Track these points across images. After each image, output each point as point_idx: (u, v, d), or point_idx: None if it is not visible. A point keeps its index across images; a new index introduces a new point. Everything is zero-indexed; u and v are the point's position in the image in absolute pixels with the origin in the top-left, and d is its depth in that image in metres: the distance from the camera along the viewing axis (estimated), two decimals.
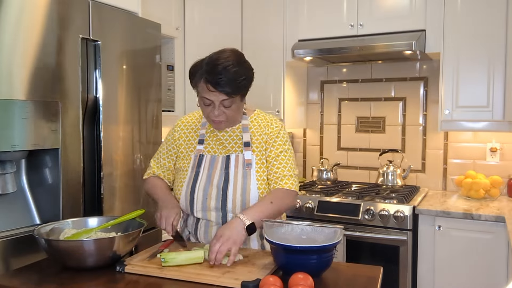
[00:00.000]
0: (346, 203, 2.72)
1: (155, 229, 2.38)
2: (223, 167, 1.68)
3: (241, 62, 1.60)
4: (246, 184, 1.64)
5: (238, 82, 1.55)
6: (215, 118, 1.61)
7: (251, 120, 1.75)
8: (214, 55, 1.59)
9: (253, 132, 1.72)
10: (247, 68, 1.62)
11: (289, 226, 1.46)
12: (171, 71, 2.99)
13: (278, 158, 1.69)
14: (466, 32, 2.69)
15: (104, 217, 1.69)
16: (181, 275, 1.36)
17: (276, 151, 1.69)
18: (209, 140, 1.74)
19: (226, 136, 1.72)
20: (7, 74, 1.62)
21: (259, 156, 1.69)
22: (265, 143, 1.70)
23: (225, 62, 1.54)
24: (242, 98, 1.64)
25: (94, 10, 1.97)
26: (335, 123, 3.51)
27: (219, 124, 1.65)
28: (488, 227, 2.42)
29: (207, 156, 1.71)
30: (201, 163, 1.71)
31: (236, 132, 1.72)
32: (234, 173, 1.66)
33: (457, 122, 2.77)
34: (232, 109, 1.62)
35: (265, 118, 1.76)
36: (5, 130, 1.61)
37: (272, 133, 1.71)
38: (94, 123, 2.02)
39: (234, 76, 1.54)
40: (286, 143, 1.73)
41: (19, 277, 1.40)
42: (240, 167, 1.67)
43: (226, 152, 1.70)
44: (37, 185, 1.84)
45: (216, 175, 1.67)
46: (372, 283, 1.36)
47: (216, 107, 1.58)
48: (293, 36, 3.17)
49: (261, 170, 1.68)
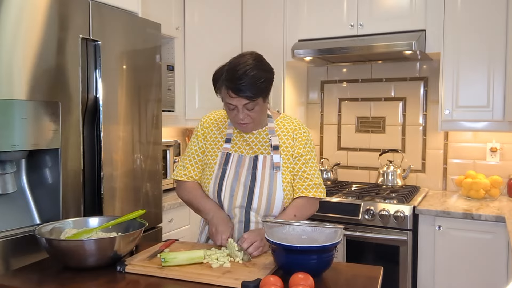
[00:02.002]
0: (346, 203, 2.72)
1: (155, 229, 2.39)
2: (250, 167, 1.71)
3: (260, 65, 1.61)
4: (273, 186, 1.68)
5: (258, 85, 1.57)
6: (241, 121, 1.64)
7: (277, 123, 1.77)
8: (233, 60, 1.63)
9: (279, 135, 1.74)
10: (266, 70, 1.62)
11: (289, 227, 1.46)
12: (171, 71, 2.99)
13: (307, 164, 1.73)
14: (466, 32, 2.69)
15: (105, 217, 1.69)
16: (181, 275, 1.36)
17: (306, 156, 1.73)
18: (236, 140, 1.76)
19: (252, 138, 1.75)
20: (7, 74, 1.61)
21: (284, 159, 1.71)
22: (291, 147, 1.73)
23: (244, 67, 1.57)
24: (264, 100, 1.65)
25: (94, 10, 1.97)
26: (335, 123, 3.51)
27: (246, 127, 1.68)
28: (488, 227, 2.42)
29: (234, 154, 1.74)
30: (228, 161, 1.73)
31: (263, 135, 1.74)
32: (262, 174, 1.69)
33: (457, 122, 2.77)
34: (256, 111, 1.63)
35: (292, 122, 1.79)
36: (5, 130, 1.61)
37: (300, 138, 1.74)
38: (94, 123, 2.02)
39: (253, 80, 1.56)
40: (313, 150, 1.78)
41: (19, 277, 1.40)
42: (268, 168, 1.70)
43: (253, 152, 1.73)
44: (37, 185, 1.84)
45: (243, 174, 1.70)
46: (372, 283, 1.36)
47: (240, 111, 1.61)
48: (293, 36, 3.17)
49: (286, 173, 1.71)
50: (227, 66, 1.62)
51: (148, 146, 2.32)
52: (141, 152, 2.27)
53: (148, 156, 2.31)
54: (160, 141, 2.41)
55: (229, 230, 1.62)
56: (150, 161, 2.33)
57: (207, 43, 3.25)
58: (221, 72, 1.63)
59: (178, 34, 3.13)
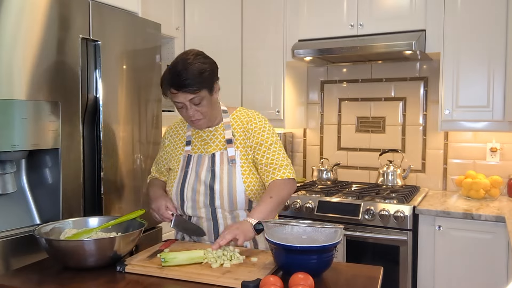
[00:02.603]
0: (346, 203, 2.72)
1: (155, 229, 2.39)
2: (209, 165, 1.71)
3: (199, 58, 1.62)
4: (232, 180, 1.68)
5: (198, 77, 1.58)
6: (192, 118, 1.66)
7: (233, 117, 1.78)
8: (175, 59, 1.64)
9: (235, 128, 1.75)
10: (206, 62, 1.64)
11: (290, 227, 1.46)
12: None
13: (269, 150, 1.72)
14: (466, 32, 2.69)
15: (104, 217, 1.69)
16: (181, 275, 1.36)
17: (265, 143, 1.72)
18: (195, 141, 1.78)
19: (210, 136, 1.76)
20: (7, 74, 1.61)
21: (242, 151, 1.72)
22: (247, 138, 1.73)
23: (183, 62, 1.59)
24: (210, 92, 1.65)
25: (94, 10, 1.97)
26: (335, 123, 3.51)
27: (198, 123, 1.69)
28: (488, 227, 2.42)
29: (194, 156, 1.76)
30: (190, 163, 1.75)
31: (220, 131, 1.75)
32: (220, 170, 1.69)
33: (457, 122, 2.77)
34: (204, 105, 1.64)
35: (247, 114, 1.79)
36: (5, 130, 1.61)
37: (257, 127, 1.74)
38: (94, 123, 2.02)
39: (193, 72, 1.58)
40: (273, 135, 1.76)
41: (19, 277, 1.40)
42: (225, 163, 1.70)
43: (211, 150, 1.74)
44: (37, 185, 1.84)
45: (203, 173, 1.71)
46: (372, 283, 1.36)
47: (188, 107, 1.63)
48: (293, 36, 3.17)
49: (246, 165, 1.71)
50: (169, 66, 1.64)
51: (148, 146, 2.32)
52: (141, 152, 2.27)
53: (148, 156, 2.31)
54: (160, 141, 2.41)
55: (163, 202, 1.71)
56: (150, 161, 2.32)
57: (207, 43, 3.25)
58: (164, 74, 1.65)
59: (178, 34, 3.13)
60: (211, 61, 1.67)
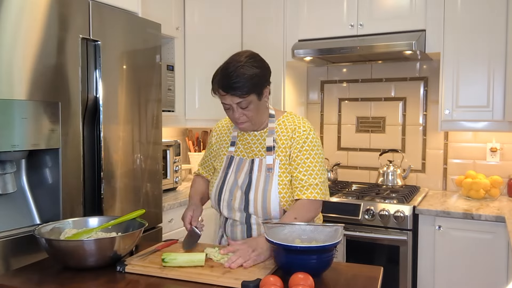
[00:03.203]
0: (346, 203, 2.72)
1: (155, 229, 2.39)
2: (248, 171, 1.70)
3: (252, 62, 1.60)
4: (267, 189, 1.64)
5: (247, 82, 1.56)
6: (237, 120, 1.65)
7: (278, 123, 1.73)
8: (228, 59, 1.63)
9: (279, 135, 1.70)
10: (258, 67, 1.60)
11: (290, 227, 1.46)
12: (171, 71, 2.99)
13: (304, 165, 1.64)
14: (466, 32, 2.69)
15: (104, 217, 1.69)
16: (181, 275, 1.36)
17: (302, 156, 1.65)
18: (239, 143, 1.77)
19: (254, 140, 1.74)
20: (7, 74, 1.61)
21: (283, 160, 1.67)
22: (289, 148, 1.67)
23: (235, 65, 1.57)
24: (259, 97, 1.61)
25: (94, 10, 1.97)
26: (335, 123, 3.51)
27: (242, 125, 1.67)
28: (488, 227, 2.42)
29: (236, 158, 1.75)
30: (231, 165, 1.74)
31: (264, 136, 1.72)
32: (257, 177, 1.67)
33: (457, 122, 2.77)
34: (251, 110, 1.62)
35: (293, 121, 1.72)
36: (5, 130, 1.61)
37: (299, 138, 1.67)
38: (94, 123, 2.02)
39: (243, 77, 1.55)
40: (314, 148, 1.67)
41: (19, 277, 1.40)
42: (263, 171, 1.67)
43: (252, 156, 1.72)
44: (37, 185, 1.84)
45: (241, 178, 1.70)
46: (372, 283, 1.36)
47: (235, 110, 1.61)
48: (293, 36, 3.17)
49: (284, 175, 1.66)
50: (221, 66, 1.63)
51: (148, 146, 2.32)
52: (141, 152, 2.27)
53: (148, 156, 2.31)
54: (160, 141, 2.41)
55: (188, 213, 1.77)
56: (150, 161, 2.33)
57: (207, 43, 3.25)
58: (216, 73, 1.64)
59: (178, 34, 3.13)
60: (263, 65, 1.64)
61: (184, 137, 3.70)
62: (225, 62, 1.63)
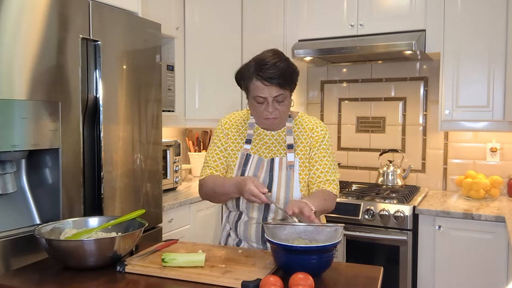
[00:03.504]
0: (346, 203, 2.72)
1: (156, 229, 2.39)
2: (268, 170, 1.71)
3: (286, 59, 1.65)
4: (290, 185, 1.68)
5: (289, 75, 1.61)
6: (269, 115, 1.65)
7: (295, 122, 1.78)
8: (259, 56, 1.66)
9: (297, 135, 1.75)
10: (293, 64, 1.67)
11: (290, 227, 1.46)
12: (171, 71, 2.99)
13: (321, 162, 1.72)
14: (466, 32, 2.69)
15: (104, 217, 1.69)
16: (181, 275, 1.36)
17: (320, 155, 1.72)
18: (256, 141, 1.77)
19: (272, 140, 1.75)
20: (7, 74, 1.61)
21: (302, 159, 1.72)
22: (308, 146, 1.73)
23: (273, 59, 1.61)
24: (291, 94, 1.67)
25: (94, 10, 1.97)
26: (335, 123, 3.51)
27: (273, 122, 1.69)
28: (488, 227, 2.42)
29: (254, 156, 1.75)
30: (248, 163, 1.74)
31: (282, 135, 1.75)
32: (278, 175, 1.69)
33: (457, 122, 2.77)
34: (285, 105, 1.65)
35: (310, 121, 1.79)
36: (5, 130, 1.61)
37: (317, 137, 1.75)
38: (94, 123, 2.02)
39: (284, 70, 1.60)
40: (330, 148, 1.76)
41: (19, 277, 1.40)
42: (284, 169, 1.70)
43: (272, 155, 1.73)
44: (37, 185, 1.84)
45: (261, 177, 1.70)
46: (372, 283, 1.36)
47: (270, 103, 1.63)
48: (293, 36, 3.17)
49: (304, 173, 1.71)
50: (253, 61, 1.65)
51: (148, 146, 2.32)
52: (141, 152, 2.27)
53: (148, 156, 2.31)
54: (160, 141, 2.41)
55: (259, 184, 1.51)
56: (150, 161, 2.33)
57: (207, 43, 3.26)
58: (247, 68, 1.65)
59: (178, 34, 3.13)
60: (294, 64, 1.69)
61: (184, 137, 3.70)
62: (256, 58, 1.65)
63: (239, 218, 1.75)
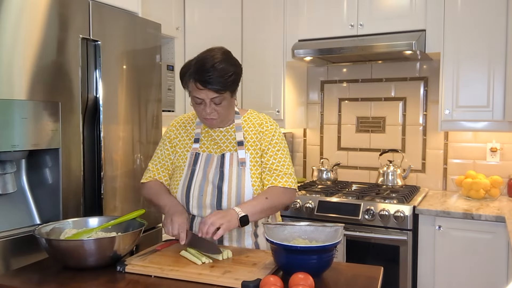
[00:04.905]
0: (346, 203, 2.72)
1: (156, 229, 2.39)
2: (218, 166, 1.70)
3: (228, 59, 1.62)
4: (241, 182, 1.67)
5: (226, 79, 1.58)
6: (207, 116, 1.65)
7: (244, 119, 1.78)
8: (201, 54, 1.64)
9: (246, 131, 1.75)
10: (234, 65, 1.64)
11: (290, 227, 1.46)
12: (171, 71, 2.99)
13: (276, 156, 1.72)
14: (466, 32, 2.69)
15: (104, 217, 1.69)
16: (181, 275, 1.36)
17: (273, 149, 1.72)
18: (204, 139, 1.77)
19: (220, 136, 1.75)
20: (7, 74, 1.61)
21: (253, 154, 1.71)
22: (258, 141, 1.73)
23: (213, 60, 1.58)
24: (232, 94, 1.66)
25: (94, 10, 1.97)
26: (335, 123, 3.51)
27: (211, 122, 1.68)
28: (488, 227, 2.42)
29: (202, 154, 1.74)
30: (197, 161, 1.73)
31: (230, 132, 1.75)
32: (229, 171, 1.68)
33: (457, 122, 2.77)
34: (223, 106, 1.64)
35: (259, 117, 1.79)
36: (5, 130, 1.61)
37: (267, 131, 1.74)
38: (94, 123, 2.02)
39: (222, 73, 1.57)
40: (282, 142, 1.76)
41: (19, 277, 1.40)
42: (235, 165, 1.69)
43: (221, 151, 1.73)
44: (37, 185, 1.84)
45: (211, 173, 1.69)
46: (372, 283, 1.36)
47: (207, 105, 1.62)
48: (293, 36, 3.17)
49: (255, 168, 1.70)
50: (194, 60, 1.63)
51: (148, 146, 2.32)
52: (141, 152, 2.27)
53: (148, 156, 2.31)
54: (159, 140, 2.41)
55: (184, 221, 1.58)
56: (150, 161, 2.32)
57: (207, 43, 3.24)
58: (188, 66, 1.63)
59: (178, 34, 3.13)
60: (238, 63, 1.67)
61: None
62: (199, 57, 1.63)
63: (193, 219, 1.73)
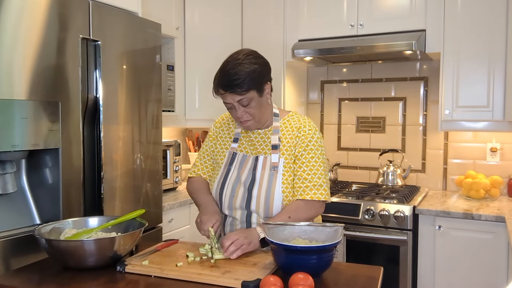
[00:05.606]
0: (346, 203, 2.72)
1: (156, 229, 2.39)
2: (251, 168, 1.69)
3: (250, 58, 1.59)
4: (271, 187, 1.64)
5: (245, 77, 1.55)
6: (241, 119, 1.64)
7: (283, 122, 1.73)
8: (227, 58, 1.63)
9: (284, 134, 1.70)
10: (256, 63, 1.60)
11: (290, 227, 1.46)
12: (171, 71, 2.99)
13: (309, 164, 1.65)
14: (466, 32, 2.69)
15: (104, 217, 1.69)
16: (181, 275, 1.36)
17: (307, 155, 1.66)
18: (243, 139, 1.76)
19: (258, 138, 1.73)
20: (7, 74, 1.61)
21: (287, 159, 1.67)
22: (294, 146, 1.68)
23: (233, 62, 1.57)
24: (260, 94, 1.61)
25: (94, 10, 1.97)
26: (335, 123, 3.51)
27: (246, 124, 1.66)
28: (488, 227, 2.42)
29: (239, 154, 1.74)
30: (233, 161, 1.74)
31: (268, 134, 1.72)
32: (261, 175, 1.67)
33: (457, 122, 2.77)
34: (253, 107, 1.61)
35: (299, 120, 1.72)
36: (5, 130, 1.61)
37: (304, 136, 1.67)
38: (94, 123, 2.02)
39: (241, 73, 1.55)
40: (319, 149, 1.67)
41: (19, 277, 1.40)
42: (267, 169, 1.67)
43: (256, 153, 1.72)
44: (37, 185, 1.84)
45: (244, 175, 1.69)
46: (372, 283, 1.36)
47: (237, 108, 1.61)
48: (293, 36, 3.17)
49: (288, 174, 1.66)
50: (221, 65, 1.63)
51: (148, 146, 2.32)
52: (141, 152, 2.27)
53: (148, 156, 2.31)
54: (160, 141, 2.41)
55: (213, 221, 1.59)
56: (150, 161, 2.33)
57: (207, 43, 3.25)
58: (216, 74, 1.63)
59: (178, 34, 3.13)
60: (262, 61, 1.63)
61: (184, 137, 3.70)
62: (224, 61, 1.63)
63: (226, 218, 1.75)
